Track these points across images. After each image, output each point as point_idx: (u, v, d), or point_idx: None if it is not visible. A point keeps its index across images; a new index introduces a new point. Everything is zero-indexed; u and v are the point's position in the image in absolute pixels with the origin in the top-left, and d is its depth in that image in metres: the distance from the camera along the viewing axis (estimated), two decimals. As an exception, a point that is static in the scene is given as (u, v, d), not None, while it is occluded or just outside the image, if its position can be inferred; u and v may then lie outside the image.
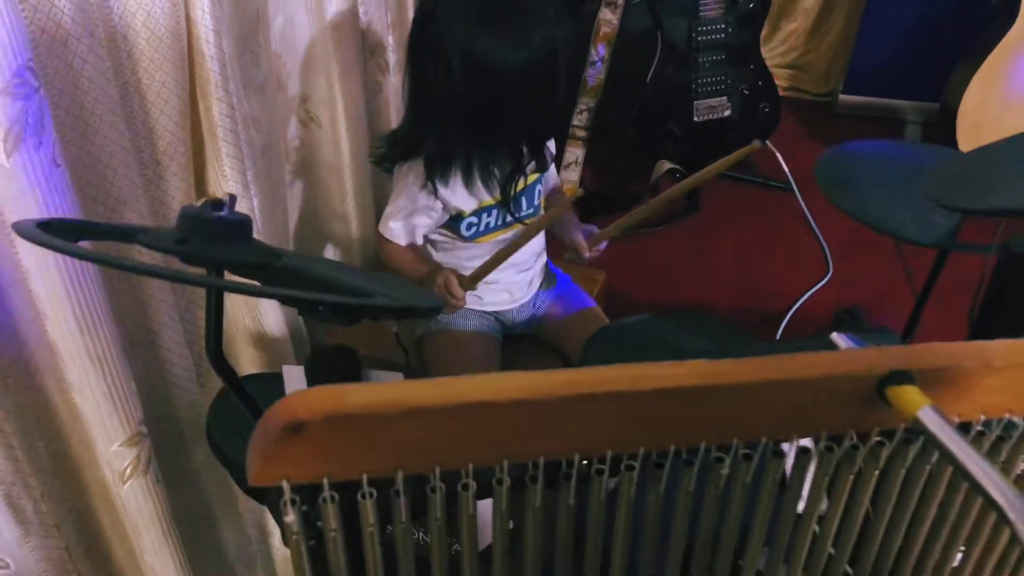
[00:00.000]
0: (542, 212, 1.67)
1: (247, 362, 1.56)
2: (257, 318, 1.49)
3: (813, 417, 0.61)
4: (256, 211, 1.44)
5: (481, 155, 1.49)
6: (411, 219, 1.56)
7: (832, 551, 0.71)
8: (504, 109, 1.42)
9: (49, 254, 1.00)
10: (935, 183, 1.02)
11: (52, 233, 0.69)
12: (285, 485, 0.51)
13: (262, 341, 1.54)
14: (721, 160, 1.35)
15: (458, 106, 1.42)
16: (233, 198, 0.72)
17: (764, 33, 3.12)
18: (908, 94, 3.08)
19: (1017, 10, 2.40)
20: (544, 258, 1.77)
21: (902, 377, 0.59)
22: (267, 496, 1.09)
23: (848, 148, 1.45)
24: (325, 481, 0.51)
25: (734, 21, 2.45)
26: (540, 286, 1.76)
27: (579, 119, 2.59)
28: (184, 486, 1.43)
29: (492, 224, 1.60)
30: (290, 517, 0.52)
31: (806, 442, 0.65)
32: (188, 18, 1.19)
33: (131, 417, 1.16)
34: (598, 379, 0.53)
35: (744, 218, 2.71)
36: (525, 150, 1.51)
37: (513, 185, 1.53)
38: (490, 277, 1.55)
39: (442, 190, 1.51)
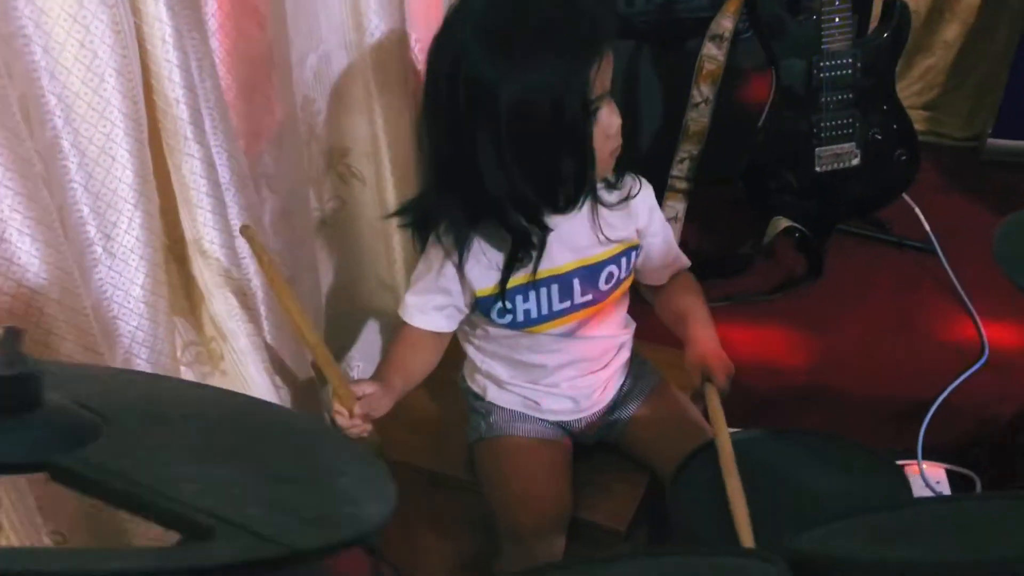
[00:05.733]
0: (617, 292, 1.31)
1: None
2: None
3: None
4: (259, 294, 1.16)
5: (473, 219, 1.18)
6: (428, 296, 1.25)
7: None
8: (479, 155, 1.09)
9: None
10: None
11: None
12: None
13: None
14: None
15: (445, 148, 1.15)
16: (19, 331, 0.41)
17: (897, 69, 2.73)
18: (1071, 138, 2.63)
19: None
20: (627, 353, 1.41)
21: None
22: None
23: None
24: None
25: (864, 54, 2.07)
26: (622, 387, 1.41)
27: (679, 169, 2.24)
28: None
29: (536, 313, 1.25)
30: None
31: None
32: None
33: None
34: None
35: (875, 286, 2.29)
36: (524, 221, 1.15)
37: (521, 263, 1.19)
38: (549, 378, 1.22)
39: (460, 260, 1.21)
